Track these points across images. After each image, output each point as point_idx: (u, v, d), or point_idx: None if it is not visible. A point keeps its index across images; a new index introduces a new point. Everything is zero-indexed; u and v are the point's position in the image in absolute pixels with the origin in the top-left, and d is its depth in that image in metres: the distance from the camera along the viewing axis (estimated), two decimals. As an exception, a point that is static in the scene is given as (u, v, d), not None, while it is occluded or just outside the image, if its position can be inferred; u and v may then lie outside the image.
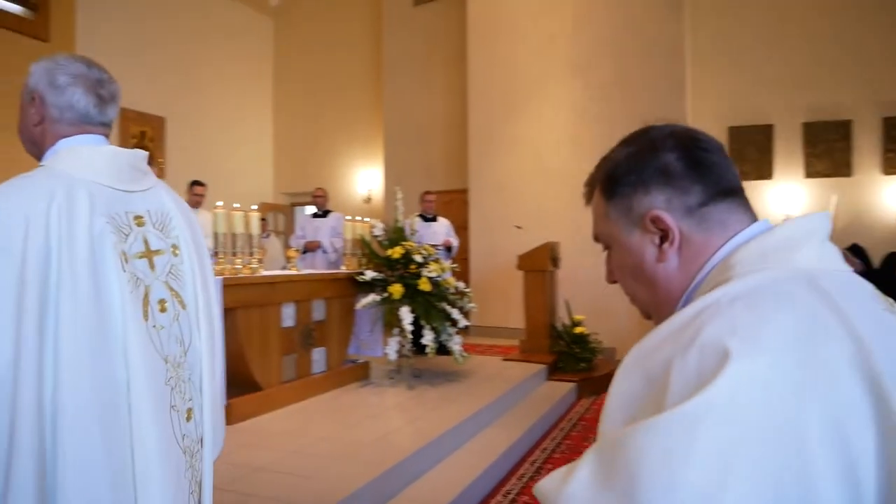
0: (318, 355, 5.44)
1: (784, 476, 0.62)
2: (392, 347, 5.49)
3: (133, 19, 9.40)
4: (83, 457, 1.24)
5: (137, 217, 1.48)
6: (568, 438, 5.01)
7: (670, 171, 0.87)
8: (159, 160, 9.80)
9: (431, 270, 5.71)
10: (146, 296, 1.43)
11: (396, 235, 6.00)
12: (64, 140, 1.47)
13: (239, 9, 11.52)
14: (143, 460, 1.33)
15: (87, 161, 1.44)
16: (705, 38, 8.58)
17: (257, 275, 4.81)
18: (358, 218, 6.48)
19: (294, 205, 12.14)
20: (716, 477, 0.62)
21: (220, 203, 4.87)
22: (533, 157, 8.84)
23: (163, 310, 1.46)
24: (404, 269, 5.74)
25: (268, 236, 9.27)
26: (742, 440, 0.63)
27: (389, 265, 5.79)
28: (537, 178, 8.77)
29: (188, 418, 1.50)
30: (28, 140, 1.53)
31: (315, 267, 7.34)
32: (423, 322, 5.47)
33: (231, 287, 4.36)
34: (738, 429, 0.63)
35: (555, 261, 7.30)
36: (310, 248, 7.61)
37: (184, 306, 1.53)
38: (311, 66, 11.86)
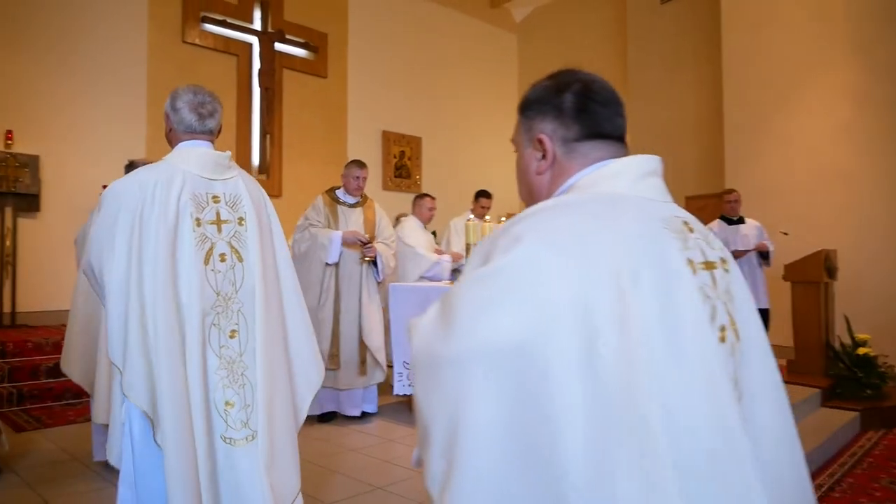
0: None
1: (543, 311, 0.86)
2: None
3: (392, 51, 10.36)
4: (158, 328, 2.02)
5: (215, 196, 2.25)
6: (850, 476, 4.31)
7: (563, 109, 1.13)
8: (416, 176, 10.63)
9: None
10: (210, 249, 2.20)
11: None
12: (179, 143, 2.28)
13: (485, 28, 12.08)
14: (190, 344, 2.09)
15: (185, 157, 2.24)
16: None
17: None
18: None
19: (539, 214, 12.33)
20: (494, 309, 0.89)
21: (471, 216, 5.13)
22: (801, 154, 7.86)
23: (223, 260, 2.22)
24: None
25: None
26: (504, 289, 0.90)
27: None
28: (806, 177, 7.78)
29: (231, 336, 2.21)
30: (168, 141, 2.34)
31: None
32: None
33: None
34: (481, 284, 0.93)
35: (831, 271, 6.39)
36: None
37: (241, 260, 2.26)
38: (554, 77, 11.97)
